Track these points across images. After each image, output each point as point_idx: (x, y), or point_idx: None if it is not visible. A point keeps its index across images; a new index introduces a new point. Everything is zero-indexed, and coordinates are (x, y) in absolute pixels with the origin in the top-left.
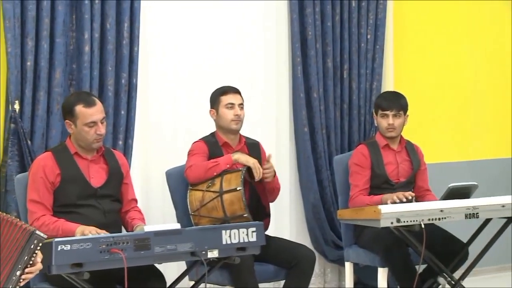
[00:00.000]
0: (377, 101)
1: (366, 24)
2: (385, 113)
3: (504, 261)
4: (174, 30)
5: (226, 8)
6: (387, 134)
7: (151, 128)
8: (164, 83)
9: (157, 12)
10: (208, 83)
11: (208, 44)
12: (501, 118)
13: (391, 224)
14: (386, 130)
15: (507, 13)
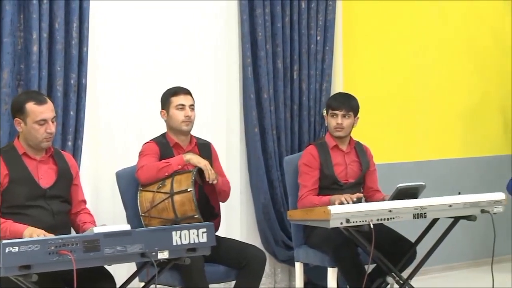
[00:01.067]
0: (329, 101)
1: (315, 25)
2: (334, 113)
3: (451, 261)
4: (124, 30)
5: (176, 8)
6: (335, 133)
7: (101, 128)
8: (114, 83)
9: (107, 12)
10: (158, 84)
11: (158, 45)
12: (448, 119)
13: (341, 224)
14: (334, 129)
15: (454, 13)
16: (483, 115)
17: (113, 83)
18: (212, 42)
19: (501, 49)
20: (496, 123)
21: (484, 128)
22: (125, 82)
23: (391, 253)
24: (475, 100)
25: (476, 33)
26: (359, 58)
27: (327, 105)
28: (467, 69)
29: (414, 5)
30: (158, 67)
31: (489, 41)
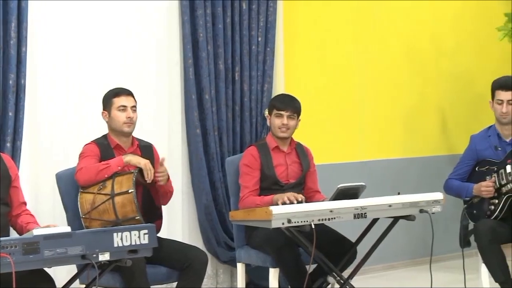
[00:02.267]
0: (273, 102)
1: (257, 27)
2: (280, 113)
3: (391, 260)
4: (65, 31)
5: (117, 9)
6: (279, 134)
7: (41, 129)
8: (54, 84)
9: (46, 11)
10: (100, 85)
11: (99, 45)
12: (388, 119)
13: (282, 224)
14: (279, 130)
15: (393, 15)
16: (422, 116)
17: (53, 84)
18: (153, 43)
19: (438, 50)
20: (434, 124)
21: (422, 128)
22: (66, 83)
23: (332, 253)
24: (414, 101)
25: (414, 34)
26: (300, 59)
27: (272, 105)
28: (405, 71)
29: (353, 6)
30: (99, 68)
31: (427, 42)
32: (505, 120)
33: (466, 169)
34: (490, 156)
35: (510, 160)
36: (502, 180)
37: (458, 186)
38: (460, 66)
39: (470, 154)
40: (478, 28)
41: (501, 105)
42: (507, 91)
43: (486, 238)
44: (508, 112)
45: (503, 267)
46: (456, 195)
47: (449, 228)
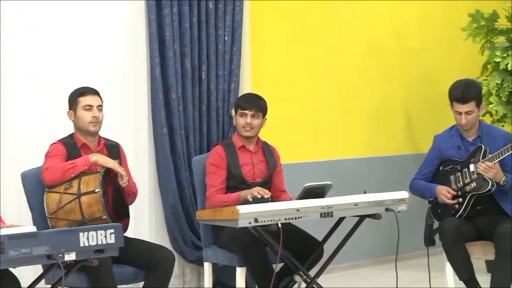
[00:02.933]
0: (238, 101)
1: (223, 26)
2: (244, 112)
3: (357, 259)
4: (32, 29)
5: (83, 8)
6: (243, 133)
7: (7, 128)
8: (21, 83)
9: (14, 11)
10: (66, 84)
11: (65, 44)
12: (354, 119)
13: (249, 224)
14: (243, 129)
15: (359, 14)
16: (387, 116)
17: (20, 83)
18: (119, 42)
19: (404, 50)
20: (399, 123)
21: (387, 128)
22: (32, 82)
23: (299, 252)
24: (379, 100)
25: (380, 34)
26: (267, 58)
27: (237, 104)
28: (371, 70)
29: (320, 6)
30: (65, 66)
31: (393, 42)
32: (466, 129)
33: (431, 169)
34: (454, 155)
35: (473, 159)
36: (466, 179)
37: (422, 186)
38: (425, 66)
39: (434, 154)
40: (442, 28)
41: (460, 116)
42: (463, 104)
43: (450, 237)
44: (467, 123)
45: (467, 265)
46: (421, 196)
47: (414, 226)
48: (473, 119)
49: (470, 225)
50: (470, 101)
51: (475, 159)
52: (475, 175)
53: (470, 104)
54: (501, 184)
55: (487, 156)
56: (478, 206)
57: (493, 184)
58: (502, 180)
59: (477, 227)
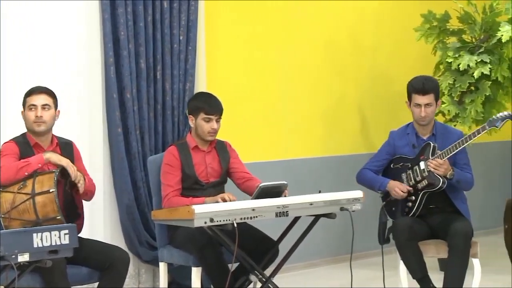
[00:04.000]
0: (199, 104)
1: (178, 25)
2: (209, 118)
3: (313, 258)
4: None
5: (37, 6)
6: (208, 138)
7: (6, 128)
8: None
9: None
10: (19, 83)
11: (18, 44)
12: (310, 118)
13: (205, 223)
14: (208, 134)
15: (314, 14)
16: (342, 115)
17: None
18: (73, 41)
19: (358, 50)
20: (354, 122)
21: (342, 127)
22: None
23: (254, 251)
24: (334, 100)
25: (334, 34)
26: (222, 57)
27: (198, 108)
28: (326, 70)
29: (274, 5)
30: (19, 66)
31: (347, 42)
32: (424, 123)
33: (382, 163)
34: (407, 153)
35: (423, 157)
36: (417, 177)
37: (372, 177)
38: (379, 66)
39: (388, 149)
40: (396, 29)
41: (419, 109)
42: (423, 95)
43: (403, 236)
44: (426, 116)
45: (420, 264)
46: (369, 186)
47: (369, 225)
48: (431, 113)
49: (423, 224)
50: (430, 93)
51: (424, 156)
52: (426, 172)
53: (430, 96)
54: (448, 178)
55: (436, 152)
56: (431, 205)
57: (444, 181)
58: (449, 174)
59: (430, 226)
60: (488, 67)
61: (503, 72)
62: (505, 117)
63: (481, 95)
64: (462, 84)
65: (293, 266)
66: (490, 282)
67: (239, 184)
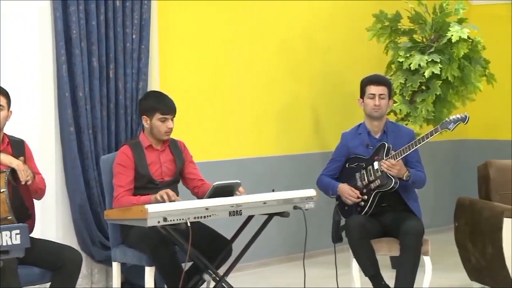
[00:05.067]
0: (154, 104)
1: (131, 24)
2: (165, 117)
3: (266, 256)
4: None
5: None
6: (165, 137)
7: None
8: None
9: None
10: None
11: None
12: (263, 117)
13: (158, 223)
14: (165, 133)
15: (268, 14)
16: (295, 114)
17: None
18: (25, 39)
19: (312, 50)
20: (307, 121)
21: (295, 126)
22: None
23: (208, 250)
24: (287, 99)
25: (288, 34)
26: (175, 56)
27: (153, 108)
28: (279, 69)
29: (228, 4)
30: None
31: (300, 42)
32: (377, 114)
33: (338, 165)
34: (361, 153)
35: (377, 157)
36: (370, 177)
37: (326, 183)
38: (332, 66)
39: (341, 151)
40: (348, 28)
41: (373, 99)
42: (378, 85)
43: (356, 234)
44: (380, 105)
45: (372, 261)
46: (324, 192)
47: (322, 224)
48: (384, 106)
49: (375, 222)
50: (384, 85)
51: (379, 157)
52: (379, 172)
53: (384, 88)
54: (404, 179)
55: (391, 153)
56: (384, 203)
57: (396, 181)
58: (405, 175)
59: (382, 224)
60: (438, 66)
61: (453, 72)
62: (457, 120)
63: (432, 94)
64: (413, 83)
65: (246, 265)
66: (441, 279)
67: (193, 189)
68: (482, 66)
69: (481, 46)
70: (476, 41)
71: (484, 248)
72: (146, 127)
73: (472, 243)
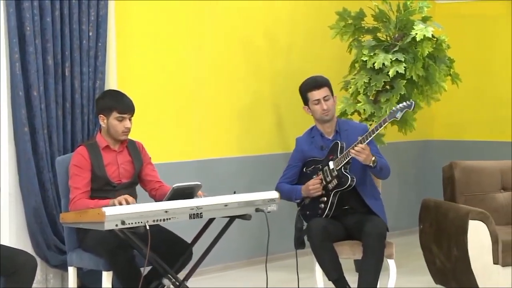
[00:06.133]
0: (112, 103)
1: (87, 21)
2: (123, 117)
3: (228, 260)
4: None
5: None
6: (122, 137)
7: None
8: None
9: None
10: None
11: None
12: (225, 118)
13: (116, 226)
14: (122, 133)
15: (229, 12)
16: (257, 114)
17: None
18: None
19: (274, 48)
20: (269, 122)
21: (258, 127)
22: None
23: (167, 254)
24: (249, 99)
25: (250, 33)
26: (134, 55)
27: (110, 107)
28: (242, 69)
29: (189, 2)
30: None
31: (263, 41)
32: (328, 117)
33: (295, 171)
34: (317, 155)
35: (332, 156)
36: (328, 177)
37: (287, 190)
38: (294, 64)
39: (297, 156)
40: (311, 27)
41: (319, 105)
42: (319, 89)
43: (318, 237)
44: (328, 108)
45: (336, 265)
46: (287, 199)
47: (285, 227)
48: (332, 106)
49: (337, 224)
50: (324, 86)
51: (333, 156)
52: (335, 172)
53: (325, 89)
54: (372, 166)
55: (345, 150)
56: (345, 205)
57: (352, 178)
58: (372, 160)
59: (345, 227)
60: (403, 65)
61: (417, 71)
62: (404, 107)
63: (396, 94)
64: (377, 82)
65: (207, 269)
66: (406, 283)
67: (151, 192)
68: (446, 65)
69: (445, 45)
70: (441, 39)
71: (449, 251)
72: (103, 126)
73: (437, 245)
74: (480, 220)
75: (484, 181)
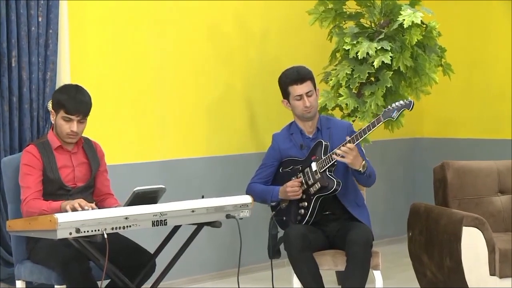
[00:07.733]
0: (62, 99)
1: (36, 5)
2: (69, 117)
3: (195, 273)
4: None
5: None
6: (67, 139)
7: None
8: None
9: None
10: None
11: None
12: (191, 114)
13: (70, 235)
14: (67, 136)
15: (195, 10)
16: (228, 110)
17: None
18: None
19: (246, 36)
20: (242, 118)
21: (229, 124)
22: None
23: (128, 265)
24: (219, 93)
25: (219, 19)
26: (89, 43)
27: (59, 104)
28: (210, 60)
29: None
30: None
31: (234, 28)
32: (310, 115)
33: (270, 171)
34: (296, 155)
35: (314, 157)
36: (309, 180)
37: (262, 190)
38: (269, 54)
39: (273, 154)
40: (287, 12)
41: (301, 101)
42: (302, 83)
43: (296, 246)
44: (311, 106)
45: (315, 277)
46: (261, 201)
47: (259, 235)
48: (315, 102)
49: (318, 232)
50: (307, 80)
51: (316, 156)
52: (318, 174)
53: (308, 83)
54: (361, 171)
55: (328, 151)
56: (327, 211)
57: (338, 182)
58: (362, 165)
59: (327, 235)
60: (389, 55)
61: (405, 61)
62: (401, 106)
63: (382, 86)
64: (361, 74)
65: (173, 282)
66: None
67: (97, 200)
68: (437, 55)
69: (436, 32)
70: (431, 26)
71: (441, 261)
72: (53, 123)
73: (428, 255)
74: (475, 227)
75: (480, 183)
